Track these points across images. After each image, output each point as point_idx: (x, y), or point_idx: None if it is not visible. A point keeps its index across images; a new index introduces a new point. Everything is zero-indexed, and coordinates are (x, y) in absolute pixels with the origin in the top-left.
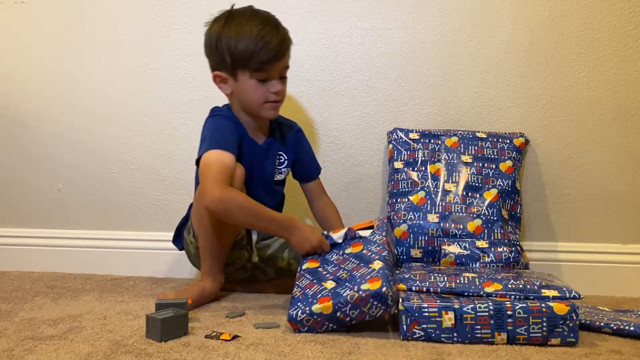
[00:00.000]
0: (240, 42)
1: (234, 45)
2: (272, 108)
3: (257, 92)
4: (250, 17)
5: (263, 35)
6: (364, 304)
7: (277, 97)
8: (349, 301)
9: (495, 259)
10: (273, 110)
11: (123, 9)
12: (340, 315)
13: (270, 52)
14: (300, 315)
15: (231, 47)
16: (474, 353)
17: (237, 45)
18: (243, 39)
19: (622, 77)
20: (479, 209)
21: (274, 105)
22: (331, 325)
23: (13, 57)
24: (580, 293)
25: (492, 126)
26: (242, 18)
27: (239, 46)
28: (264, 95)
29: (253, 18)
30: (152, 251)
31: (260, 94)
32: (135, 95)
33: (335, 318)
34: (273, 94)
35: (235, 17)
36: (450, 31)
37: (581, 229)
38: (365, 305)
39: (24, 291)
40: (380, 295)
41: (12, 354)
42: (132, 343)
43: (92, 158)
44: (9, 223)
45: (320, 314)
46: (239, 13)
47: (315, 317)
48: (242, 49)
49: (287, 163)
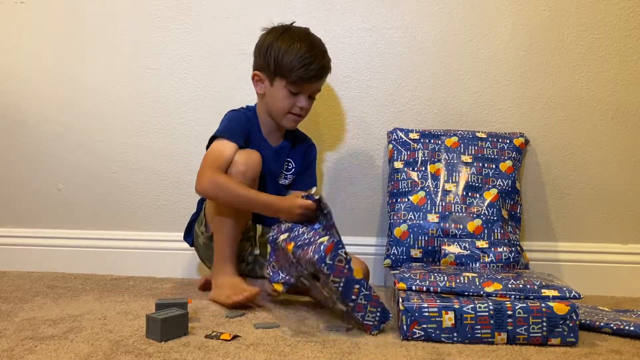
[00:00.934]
0: (288, 54)
1: (281, 56)
2: (293, 120)
3: (285, 101)
4: (304, 38)
5: (309, 56)
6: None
7: (301, 112)
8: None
9: (495, 259)
10: (293, 122)
11: (123, 9)
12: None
13: (310, 71)
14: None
15: (279, 56)
16: (474, 353)
17: (284, 57)
18: (291, 53)
19: (622, 77)
20: (479, 209)
21: (296, 118)
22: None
23: (13, 57)
24: (580, 293)
25: (492, 126)
26: (296, 36)
27: (285, 58)
28: (290, 105)
29: (306, 39)
30: (152, 251)
31: (288, 104)
32: (135, 95)
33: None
34: (299, 107)
35: (290, 33)
36: (450, 31)
37: (581, 229)
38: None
39: (24, 291)
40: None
41: (12, 354)
42: (132, 343)
43: (92, 158)
44: (9, 223)
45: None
46: (296, 31)
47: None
48: (287, 61)
49: (293, 170)
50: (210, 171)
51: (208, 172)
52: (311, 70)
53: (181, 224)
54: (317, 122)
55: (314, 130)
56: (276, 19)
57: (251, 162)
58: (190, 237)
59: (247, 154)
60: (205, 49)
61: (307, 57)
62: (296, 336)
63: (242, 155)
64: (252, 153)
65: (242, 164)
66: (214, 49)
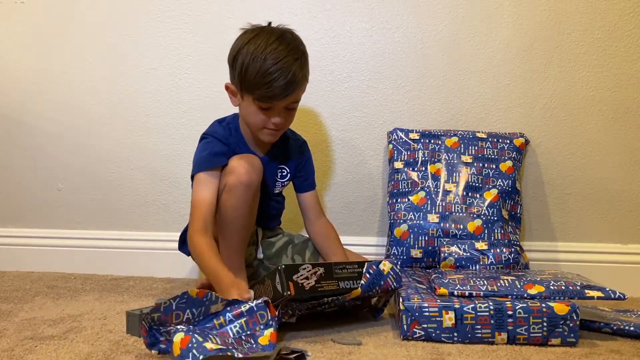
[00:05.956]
0: (250, 68)
1: (245, 69)
2: (270, 134)
3: (257, 117)
4: (273, 43)
5: (272, 72)
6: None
7: (275, 128)
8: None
9: (495, 260)
10: (270, 136)
11: (123, 9)
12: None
13: (274, 90)
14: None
15: (242, 70)
16: (474, 353)
17: (247, 70)
18: (254, 67)
19: (622, 77)
20: (479, 209)
21: (273, 132)
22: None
23: (13, 57)
24: (624, 293)
25: (492, 126)
26: (264, 43)
27: (249, 71)
28: (263, 122)
29: (275, 50)
30: (152, 251)
31: (260, 120)
32: (135, 95)
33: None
34: (272, 123)
35: (259, 38)
36: (450, 31)
37: (581, 229)
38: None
39: (24, 291)
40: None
41: (12, 354)
42: (132, 343)
43: (92, 158)
44: (9, 223)
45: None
46: (265, 37)
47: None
48: (250, 76)
49: (289, 176)
50: (190, 230)
51: (190, 230)
52: (275, 89)
53: (181, 224)
54: (317, 122)
55: (313, 130)
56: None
57: (253, 170)
58: (186, 247)
59: (248, 161)
60: (205, 49)
61: (269, 73)
62: (297, 336)
63: (242, 164)
64: (252, 159)
65: (245, 174)
66: (214, 49)
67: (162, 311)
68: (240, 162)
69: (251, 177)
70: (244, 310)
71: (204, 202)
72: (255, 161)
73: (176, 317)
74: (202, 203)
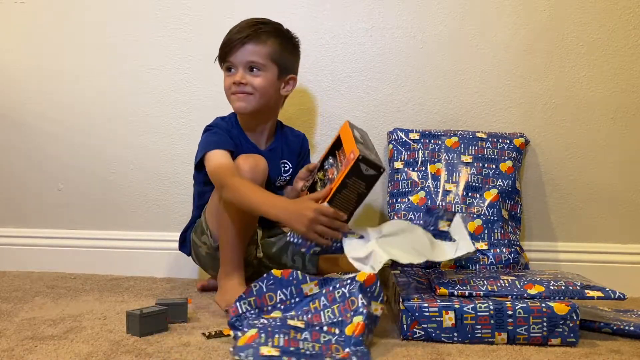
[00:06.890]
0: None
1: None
2: (237, 99)
3: (225, 83)
4: (250, 19)
5: (232, 28)
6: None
7: (236, 88)
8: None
9: (495, 260)
10: (238, 101)
11: (123, 9)
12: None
13: (227, 41)
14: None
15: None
16: (474, 353)
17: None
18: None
19: (622, 77)
20: (479, 209)
21: (239, 96)
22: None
23: (13, 57)
24: (624, 293)
25: (492, 126)
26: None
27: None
28: (229, 84)
29: (249, 19)
30: (152, 251)
31: (227, 85)
32: (135, 95)
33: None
34: (234, 83)
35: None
36: (450, 31)
37: (581, 229)
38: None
39: (24, 291)
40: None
41: (12, 354)
42: (132, 343)
43: (92, 158)
44: (9, 223)
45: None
46: (249, 19)
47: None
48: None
49: (291, 171)
50: (224, 179)
51: (223, 180)
52: (229, 40)
53: (181, 223)
54: (317, 122)
55: (313, 130)
56: (276, 19)
57: (257, 169)
58: (186, 247)
59: (254, 160)
60: (205, 49)
61: (229, 30)
62: None
63: (247, 162)
64: (258, 159)
65: (249, 171)
66: (214, 49)
67: (255, 294)
68: (246, 161)
69: (255, 177)
70: (337, 296)
71: (223, 163)
72: (260, 161)
73: (269, 298)
74: (223, 164)
